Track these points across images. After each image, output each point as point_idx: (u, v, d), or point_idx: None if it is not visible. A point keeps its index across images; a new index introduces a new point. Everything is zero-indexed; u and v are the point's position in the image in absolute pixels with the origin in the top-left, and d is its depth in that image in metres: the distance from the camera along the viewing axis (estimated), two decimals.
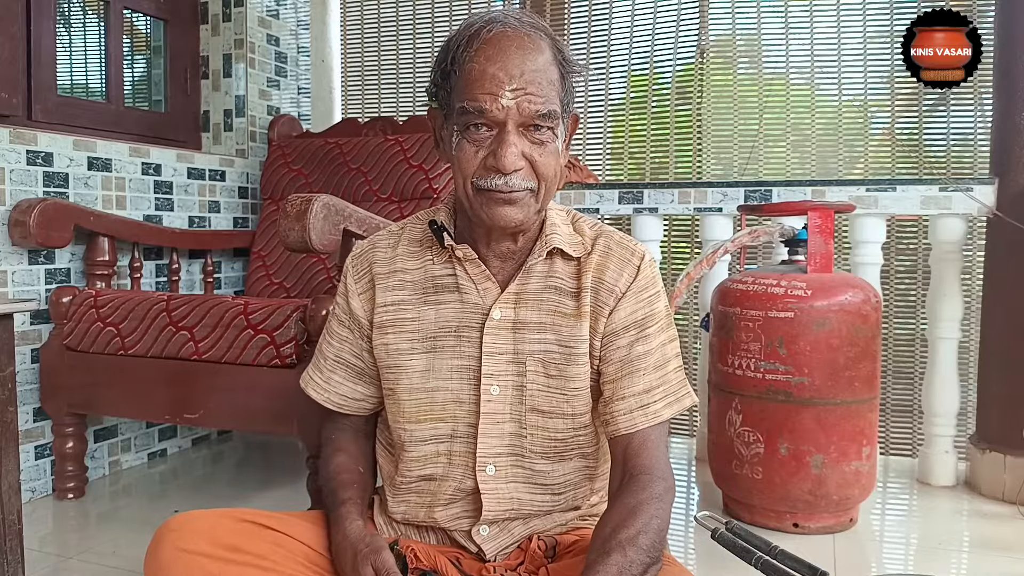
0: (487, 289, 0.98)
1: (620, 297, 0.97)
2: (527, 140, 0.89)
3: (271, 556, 0.89)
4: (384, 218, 1.90)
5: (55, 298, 2.06)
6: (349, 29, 3.32)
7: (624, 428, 0.95)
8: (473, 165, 0.90)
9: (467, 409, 0.97)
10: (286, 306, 1.80)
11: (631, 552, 0.83)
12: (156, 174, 2.49)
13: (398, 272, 1.02)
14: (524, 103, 0.87)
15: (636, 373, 0.96)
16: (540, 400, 0.97)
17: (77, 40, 2.59)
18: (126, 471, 2.40)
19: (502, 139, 0.88)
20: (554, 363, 0.97)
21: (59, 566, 1.71)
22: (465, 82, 0.89)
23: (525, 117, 0.88)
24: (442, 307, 0.99)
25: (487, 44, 0.88)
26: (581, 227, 1.02)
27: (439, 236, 0.98)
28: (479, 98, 0.87)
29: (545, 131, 0.90)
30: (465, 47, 0.89)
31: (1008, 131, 2.18)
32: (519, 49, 0.88)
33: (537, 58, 0.89)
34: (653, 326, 0.98)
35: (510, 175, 0.88)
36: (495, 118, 0.88)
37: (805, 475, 1.84)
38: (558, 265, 0.99)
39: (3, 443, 1.35)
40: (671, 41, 2.91)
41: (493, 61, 0.87)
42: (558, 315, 0.97)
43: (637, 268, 0.99)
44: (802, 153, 2.80)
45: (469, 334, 0.97)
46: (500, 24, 0.90)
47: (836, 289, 1.87)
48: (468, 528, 1.00)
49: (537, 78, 0.88)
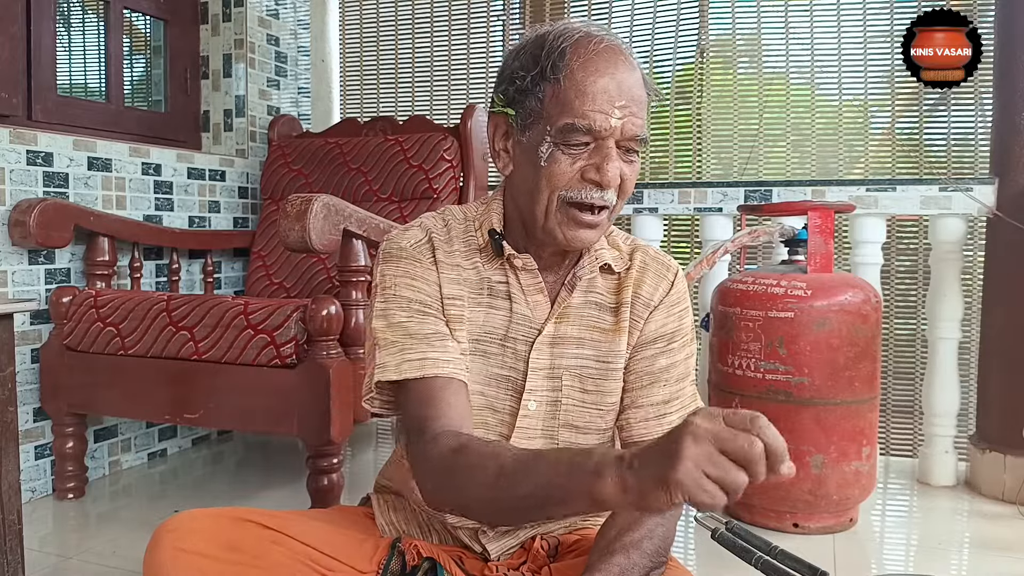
0: (537, 302, 0.97)
1: (653, 309, 0.99)
2: (621, 159, 0.88)
3: (271, 555, 0.89)
4: (384, 218, 1.91)
5: (55, 298, 2.06)
6: (348, 29, 3.32)
7: (637, 435, 0.96)
8: (567, 177, 0.87)
9: (499, 419, 0.97)
10: (286, 306, 1.80)
11: (634, 555, 0.83)
12: (156, 174, 2.49)
13: (457, 267, 0.98)
14: (628, 124, 0.86)
15: (657, 384, 0.98)
16: (575, 416, 0.97)
17: (77, 40, 2.59)
18: (126, 471, 2.40)
19: (607, 154, 0.86)
20: (591, 378, 0.97)
21: (59, 566, 1.71)
22: (573, 93, 0.85)
23: (627, 138, 0.87)
24: (492, 312, 0.97)
25: (597, 56, 0.85)
26: (616, 241, 1.02)
27: (498, 245, 0.96)
28: (589, 115, 0.84)
29: (635, 153, 0.89)
30: (570, 55, 0.86)
31: (1008, 131, 2.18)
32: (628, 67, 0.87)
33: (637, 76, 0.88)
34: (679, 340, 1.00)
35: (607, 190, 0.87)
36: (600, 134, 0.86)
37: (805, 475, 1.84)
38: (598, 280, 0.99)
39: (3, 443, 1.35)
40: (671, 41, 2.91)
41: (601, 74, 0.85)
42: (596, 331, 0.98)
43: (671, 283, 1.00)
44: (802, 153, 2.79)
45: (515, 346, 0.97)
46: (604, 37, 0.87)
47: (836, 289, 1.87)
48: (475, 528, 0.99)
49: (639, 97, 0.87)
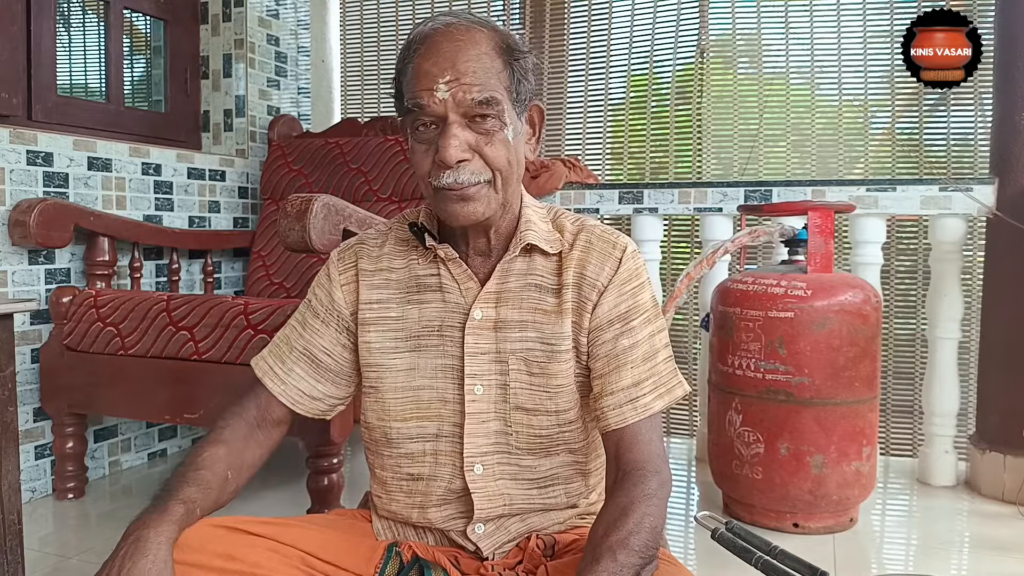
0: (469, 288, 0.98)
1: (603, 291, 0.97)
2: (471, 131, 0.89)
3: (267, 564, 0.88)
4: (384, 218, 1.91)
5: (55, 298, 2.07)
6: (349, 29, 3.32)
7: (614, 423, 0.94)
8: (426, 164, 0.91)
9: (452, 408, 0.97)
10: (286, 306, 1.80)
11: (621, 556, 0.82)
12: (156, 174, 2.49)
13: (384, 271, 1.02)
14: (459, 92, 0.87)
15: (623, 367, 0.96)
16: (524, 398, 0.97)
17: (77, 40, 2.59)
18: (126, 471, 2.40)
19: (444, 132, 0.88)
20: (536, 361, 0.97)
21: (59, 566, 1.71)
22: (407, 83, 0.91)
23: (464, 107, 0.88)
24: (425, 306, 0.99)
25: (422, 45, 0.90)
26: (562, 223, 1.02)
27: (420, 237, 0.99)
28: (417, 94, 0.88)
29: (491, 120, 0.90)
30: (409, 53, 0.91)
31: (1008, 131, 2.18)
32: (451, 42, 0.89)
33: (470, 49, 0.90)
34: (638, 318, 0.97)
35: (458, 169, 0.89)
36: (435, 112, 0.88)
37: (805, 475, 1.84)
38: (538, 262, 0.99)
39: (3, 443, 1.35)
40: (671, 41, 2.91)
41: (426, 58, 0.89)
42: (539, 312, 0.97)
43: (619, 261, 0.98)
44: (802, 153, 2.79)
45: (452, 334, 0.97)
46: (439, 25, 0.92)
47: (836, 289, 1.87)
48: (463, 527, 0.99)
49: (471, 67, 0.88)
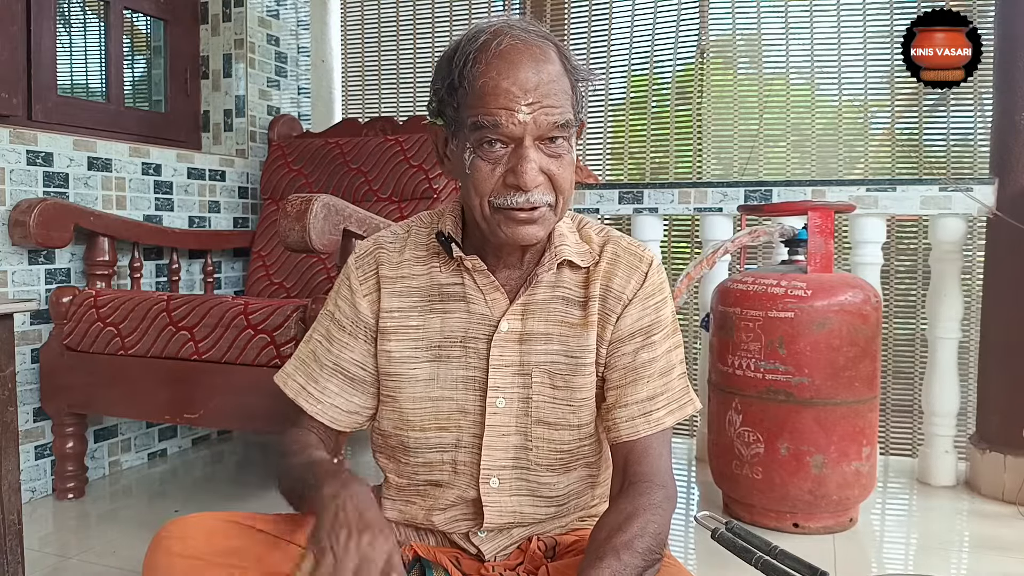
0: (495, 300, 0.96)
1: (627, 304, 0.96)
2: (544, 154, 0.86)
3: (268, 559, 0.88)
4: (384, 218, 1.90)
5: (55, 298, 2.06)
6: (349, 29, 3.32)
7: (626, 435, 0.94)
8: (490, 184, 0.87)
9: (472, 420, 0.96)
10: (286, 306, 1.80)
11: (625, 556, 0.82)
12: (156, 174, 2.49)
13: (405, 278, 0.99)
14: (541, 116, 0.84)
15: (640, 380, 0.95)
16: (546, 412, 0.96)
17: (77, 40, 2.59)
18: (126, 471, 2.40)
19: (521, 155, 0.85)
20: (560, 374, 0.96)
21: (59, 566, 1.71)
22: (477, 97, 0.85)
23: (543, 130, 0.85)
24: (448, 316, 0.97)
25: (498, 58, 0.85)
26: (588, 234, 1.00)
27: (447, 247, 0.97)
28: (494, 112, 0.84)
29: (561, 143, 0.87)
30: (474, 61, 0.85)
31: (1008, 131, 2.18)
32: (532, 60, 0.85)
33: (550, 69, 0.86)
34: (659, 333, 0.97)
35: (531, 192, 0.86)
36: (511, 133, 0.84)
37: (805, 475, 1.84)
38: (566, 275, 0.97)
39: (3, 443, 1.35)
40: (671, 41, 2.91)
41: (506, 75, 0.84)
42: (565, 325, 0.96)
43: (645, 275, 0.97)
44: (802, 153, 2.79)
45: (476, 345, 0.96)
46: (508, 36, 0.86)
47: (836, 289, 1.87)
48: (466, 531, 0.99)
49: (552, 89, 0.86)
